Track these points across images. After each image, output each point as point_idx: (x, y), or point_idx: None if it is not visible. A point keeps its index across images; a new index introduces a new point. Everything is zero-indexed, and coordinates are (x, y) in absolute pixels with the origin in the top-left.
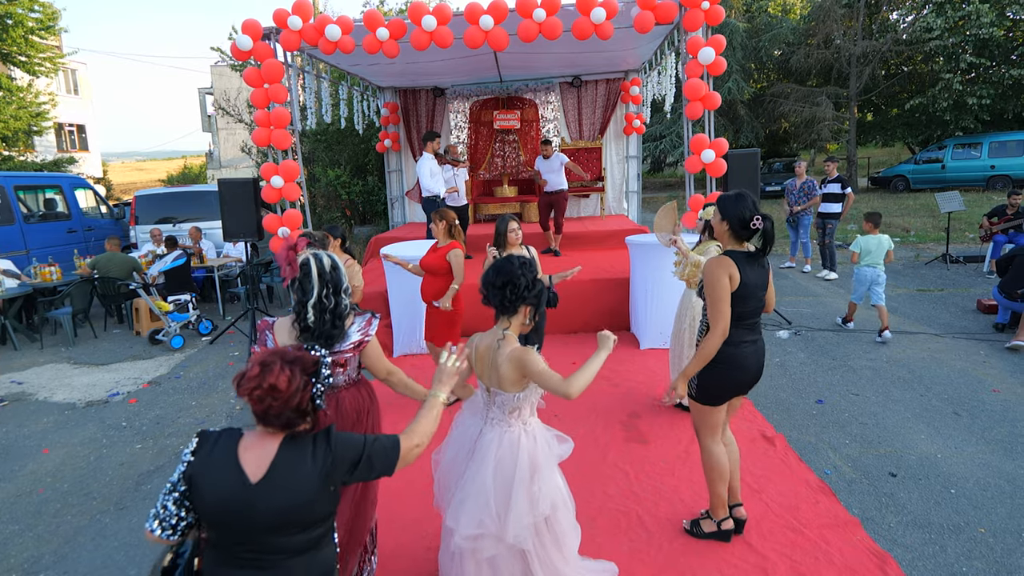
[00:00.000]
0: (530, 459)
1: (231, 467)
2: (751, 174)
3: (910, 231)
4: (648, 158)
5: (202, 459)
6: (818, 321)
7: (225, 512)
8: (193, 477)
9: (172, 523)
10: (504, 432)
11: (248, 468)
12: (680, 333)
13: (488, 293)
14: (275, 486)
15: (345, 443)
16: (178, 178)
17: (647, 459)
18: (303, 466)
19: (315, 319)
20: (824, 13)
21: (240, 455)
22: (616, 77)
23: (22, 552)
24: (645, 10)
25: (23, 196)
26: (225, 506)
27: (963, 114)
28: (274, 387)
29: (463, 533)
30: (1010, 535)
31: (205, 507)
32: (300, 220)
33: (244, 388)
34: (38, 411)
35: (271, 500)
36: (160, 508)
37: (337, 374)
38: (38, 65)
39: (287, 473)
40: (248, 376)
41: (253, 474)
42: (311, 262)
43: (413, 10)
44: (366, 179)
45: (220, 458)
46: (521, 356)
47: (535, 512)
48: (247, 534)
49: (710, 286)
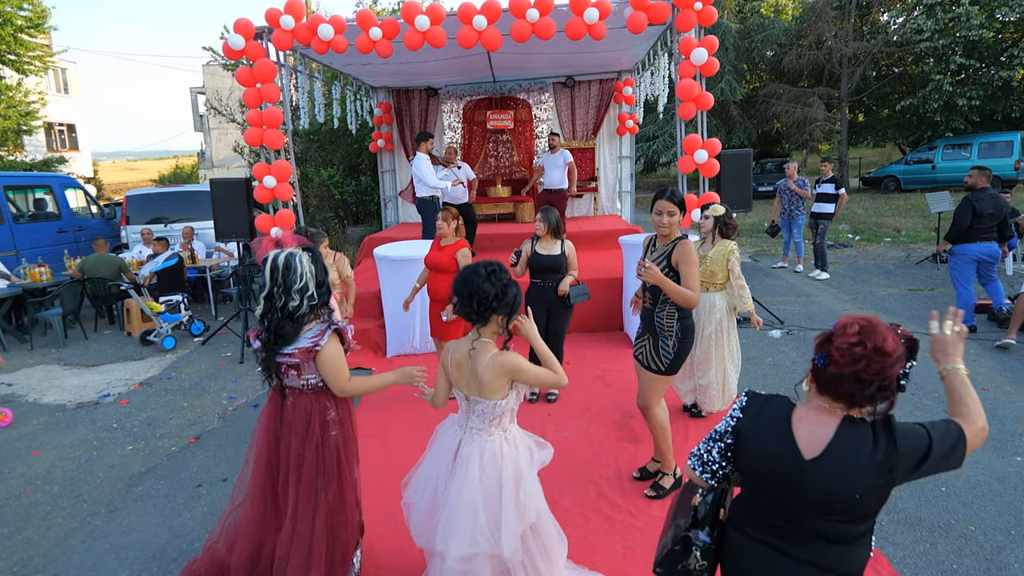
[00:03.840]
0: (514, 468)
1: (783, 436)
2: (744, 174)
3: (901, 231)
4: (641, 158)
5: (751, 419)
6: (810, 321)
7: (770, 478)
8: (742, 434)
9: (713, 469)
10: (485, 442)
11: (801, 442)
12: (705, 339)
13: (458, 303)
14: (829, 468)
15: (910, 439)
16: (169, 178)
17: (640, 458)
18: (862, 455)
19: (265, 311)
20: (816, 14)
21: (793, 426)
22: (609, 77)
23: (11, 555)
24: (638, 11)
25: (12, 196)
26: (772, 472)
27: (953, 115)
28: (880, 349)
29: (454, 555)
30: (1000, 532)
31: (750, 467)
32: (293, 220)
33: (841, 343)
34: (28, 413)
35: (821, 481)
36: (704, 452)
37: (291, 376)
38: (27, 64)
39: (844, 458)
40: (848, 333)
41: (806, 449)
42: (269, 258)
43: (406, 10)
44: (359, 179)
45: (772, 423)
46: (508, 362)
47: (522, 520)
48: (788, 505)
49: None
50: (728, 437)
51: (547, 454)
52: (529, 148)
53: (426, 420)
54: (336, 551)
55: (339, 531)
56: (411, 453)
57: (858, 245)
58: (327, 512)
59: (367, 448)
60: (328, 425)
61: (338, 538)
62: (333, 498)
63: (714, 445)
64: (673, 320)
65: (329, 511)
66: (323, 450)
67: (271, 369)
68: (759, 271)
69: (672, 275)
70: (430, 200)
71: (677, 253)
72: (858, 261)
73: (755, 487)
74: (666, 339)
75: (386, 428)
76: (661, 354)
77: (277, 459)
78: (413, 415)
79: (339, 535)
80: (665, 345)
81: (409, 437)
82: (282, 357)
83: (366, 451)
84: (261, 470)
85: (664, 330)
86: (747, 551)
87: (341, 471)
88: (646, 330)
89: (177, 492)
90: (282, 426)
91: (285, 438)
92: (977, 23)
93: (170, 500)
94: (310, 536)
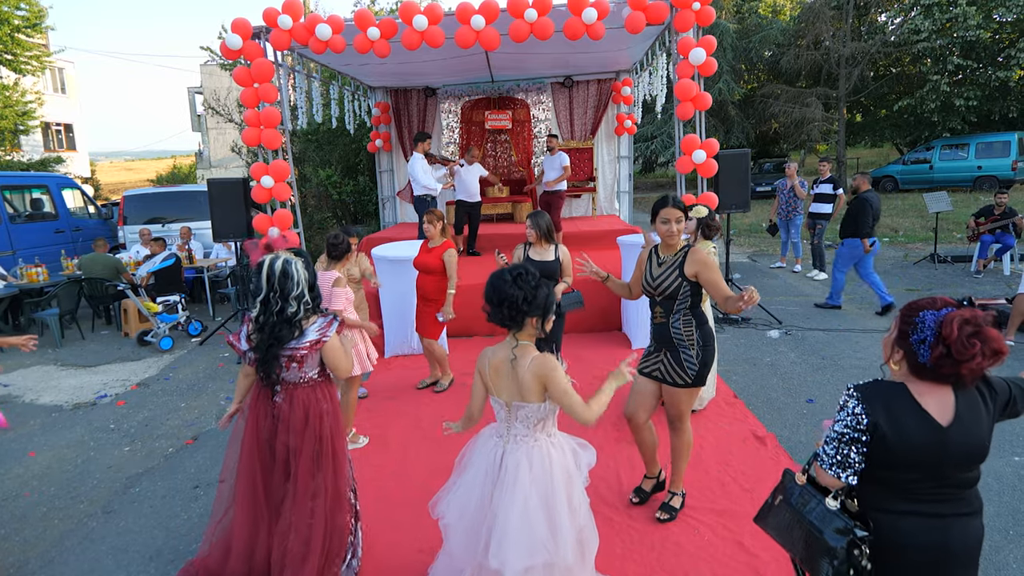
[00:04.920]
0: (564, 471)
1: (919, 415)
2: (741, 174)
3: (899, 231)
4: (639, 158)
5: (882, 411)
6: (808, 321)
7: (920, 452)
8: (879, 427)
9: (856, 468)
10: (532, 448)
11: (934, 414)
12: None
13: (490, 312)
14: (964, 427)
15: (999, 388)
16: (167, 178)
17: (638, 459)
18: (980, 409)
19: (261, 315)
20: (814, 14)
21: (922, 403)
22: (607, 77)
23: (7, 557)
24: (636, 11)
25: (9, 196)
26: (918, 448)
27: (950, 115)
28: (997, 351)
29: (514, 568)
30: (997, 532)
31: (895, 451)
32: (290, 220)
33: (969, 342)
34: (24, 413)
35: (962, 440)
36: (841, 457)
37: (292, 370)
38: (24, 63)
39: (972, 416)
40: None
41: (941, 419)
42: (264, 264)
43: (404, 10)
44: (357, 179)
45: (904, 408)
46: (546, 367)
47: (575, 525)
48: (935, 470)
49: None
50: (864, 435)
51: (591, 455)
52: (527, 148)
53: (424, 423)
54: (333, 536)
55: (335, 515)
56: (409, 455)
57: None
58: (324, 499)
59: (366, 450)
60: (324, 415)
61: (335, 523)
62: (329, 484)
63: (849, 447)
64: (692, 328)
65: (326, 497)
66: (320, 439)
67: (270, 367)
68: (757, 271)
69: (687, 285)
70: (426, 200)
71: (693, 264)
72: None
73: (897, 467)
74: (688, 349)
75: (384, 431)
76: (686, 366)
77: (269, 457)
78: (410, 417)
79: (335, 520)
80: (688, 356)
81: (407, 439)
82: (287, 351)
83: (365, 453)
84: (250, 473)
85: (684, 341)
86: (906, 527)
87: (336, 457)
88: (660, 345)
89: (174, 493)
90: (276, 423)
91: (281, 434)
92: (974, 24)
93: (167, 501)
94: (308, 523)
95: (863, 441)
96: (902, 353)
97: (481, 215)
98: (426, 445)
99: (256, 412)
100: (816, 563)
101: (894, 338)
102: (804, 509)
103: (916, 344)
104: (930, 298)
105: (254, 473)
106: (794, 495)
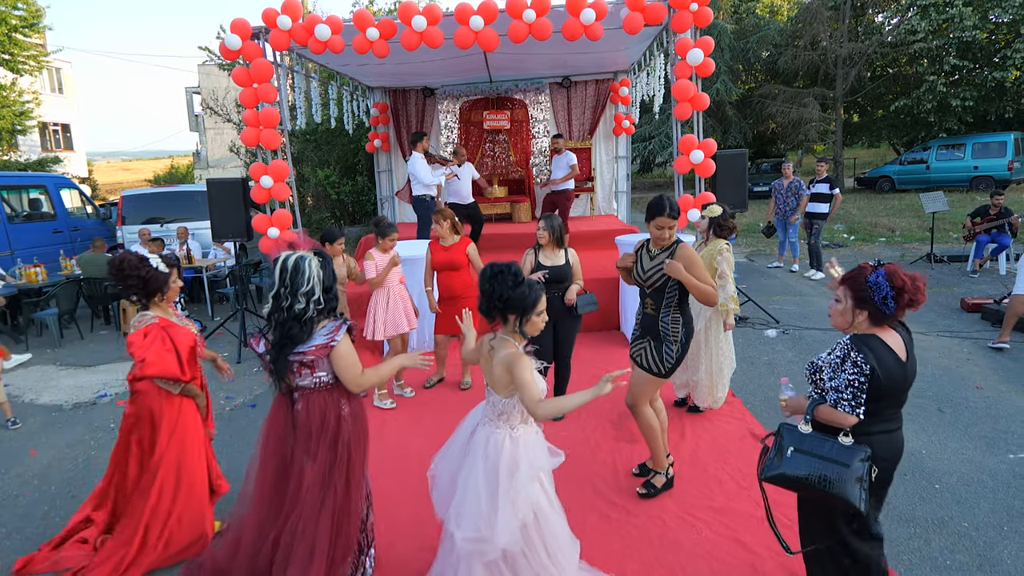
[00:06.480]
0: (509, 463)
1: (894, 356)
2: (739, 174)
3: (895, 231)
4: (637, 158)
5: (877, 358)
6: (806, 320)
7: (896, 383)
8: (876, 370)
9: (865, 407)
10: (492, 432)
11: (898, 352)
12: (695, 337)
13: (480, 301)
14: (912, 359)
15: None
16: (165, 178)
17: (636, 457)
18: (911, 342)
19: (272, 310)
20: (811, 15)
21: (891, 345)
22: (605, 78)
23: (9, 556)
24: (634, 11)
25: (7, 196)
26: (899, 379)
27: (947, 116)
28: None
29: (463, 535)
30: (992, 529)
31: (887, 384)
32: (289, 220)
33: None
34: (24, 413)
35: (912, 368)
36: (853, 398)
37: (304, 375)
38: (21, 63)
39: (911, 349)
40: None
41: (902, 355)
42: (280, 258)
43: (403, 10)
44: (356, 179)
45: (886, 353)
46: (512, 360)
47: (517, 515)
48: (901, 395)
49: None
50: (867, 380)
51: (556, 460)
52: (525, 148)
53: (423, 421)
54: (339, 545)
55: (343, 525)
56: (407, 453)
57: (853, 245)
58: (333, 506)
59: None
60: (342, 420)
61: (341, 531)
62: (340, 492)
63: (857, 391)
64: (679, 326)
65: (335, 505)
66: (336, 445)
67: (282, 371)
68: (755, 271)
69: (673, 280)
70: (426, 200)
71: (680, 259)
72: (853, 261)
73: (882, 398)
74: (670, 344)
75: (381, 427)
76: (664, 358)
77: (287, 465)
78: (408, 415)
79: (343, 528)
80: (669, 350)
81: (404, 437)
82: (296, 356)
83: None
84: (268, 479)
85: (669, 335)
86: (890, 441)
87: (351, 466)
88: (646, 333)
89: None
90: (295, 431)
91: (301, 441)
92: (971, 24)
93: None
94: (315, 529)
95: (866, 383)
96: (865, 313)
97: (483, 215)
98: (426, 445)
99: (277, 420)
100: (847, 490)
101: (852, 306)
102: (823, 450)
103: (880, 302)
104: (858, 268)
105: (267, 478)
106: (807, 442)
